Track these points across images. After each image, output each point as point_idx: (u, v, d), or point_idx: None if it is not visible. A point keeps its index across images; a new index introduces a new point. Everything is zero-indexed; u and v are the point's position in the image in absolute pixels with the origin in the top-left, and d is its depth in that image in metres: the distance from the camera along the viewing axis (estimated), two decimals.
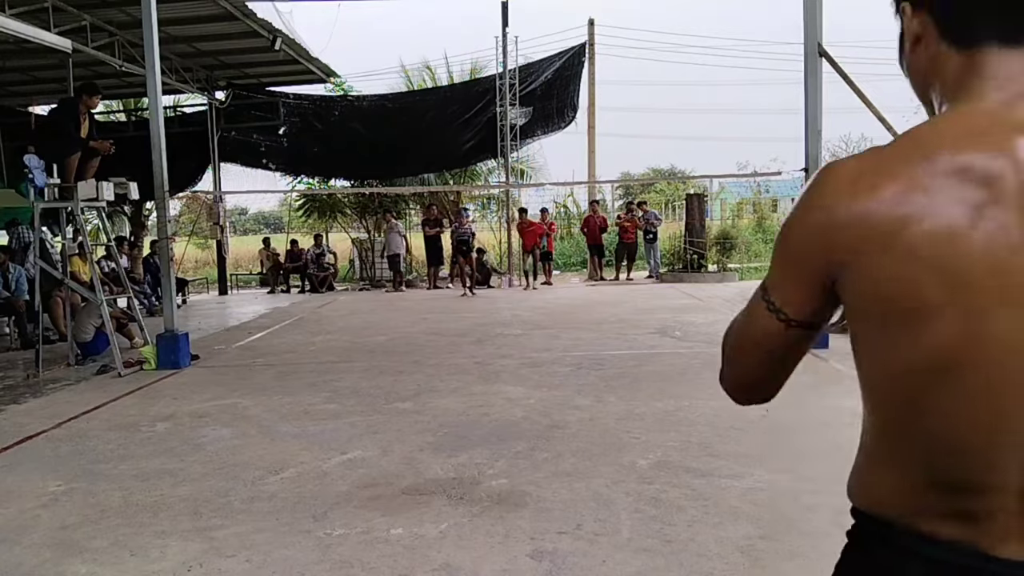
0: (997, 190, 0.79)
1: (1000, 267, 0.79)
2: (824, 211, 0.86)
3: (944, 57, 0.88)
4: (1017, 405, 0.81)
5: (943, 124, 0.87)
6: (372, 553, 3.14)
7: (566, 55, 16.76)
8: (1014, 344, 0.79)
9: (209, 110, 15.60)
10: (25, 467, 4.51)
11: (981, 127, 0.83)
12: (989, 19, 0.84)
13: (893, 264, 0.82)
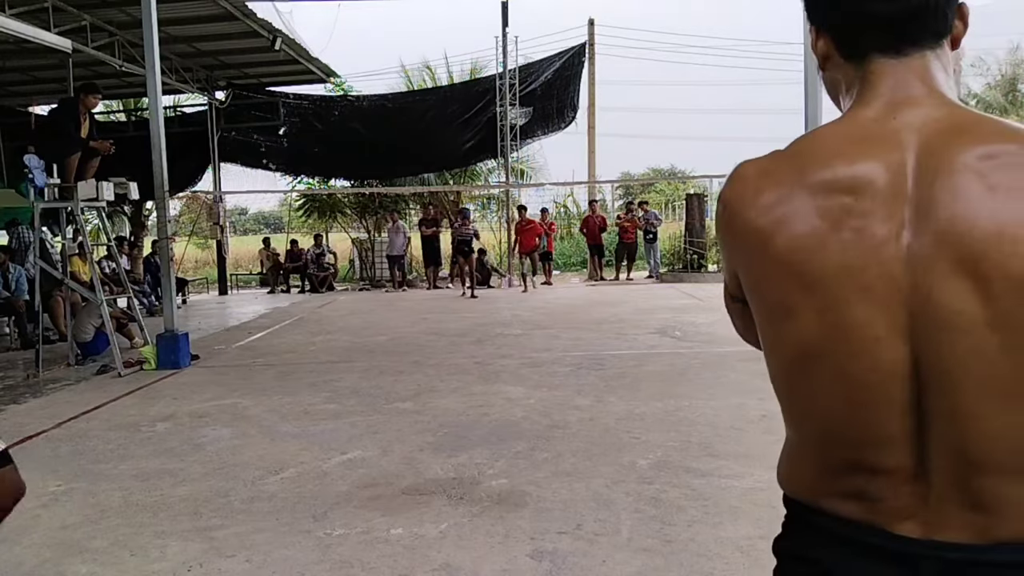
0: (862, 195, 0.86)
1: (856, 267, 0.85)
2: (727, 210, 0.96)
3: (844, 72, 0.97)
4: (881, 393, 0.87)
5: (827, 131, 0.94)
6: (372, 553, 3.14)
7: (566, 55, 16.76)
8: (871, 335, 0.85)
9: (209, 110, 15.60)
10: (25, 467, 4.48)
11: (858, 134, 0.90)
12: (862, 30, 0.92)
13: (765, 266, 0.91)
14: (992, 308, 0.82)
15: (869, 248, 0.85)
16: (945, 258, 0.83)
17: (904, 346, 0.85)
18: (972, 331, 0.83)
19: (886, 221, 0.85)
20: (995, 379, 0.83)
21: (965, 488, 0.86)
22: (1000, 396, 0.83)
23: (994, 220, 0.81)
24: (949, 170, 0.84)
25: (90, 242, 8.85)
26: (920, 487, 0.88)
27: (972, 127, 0.87)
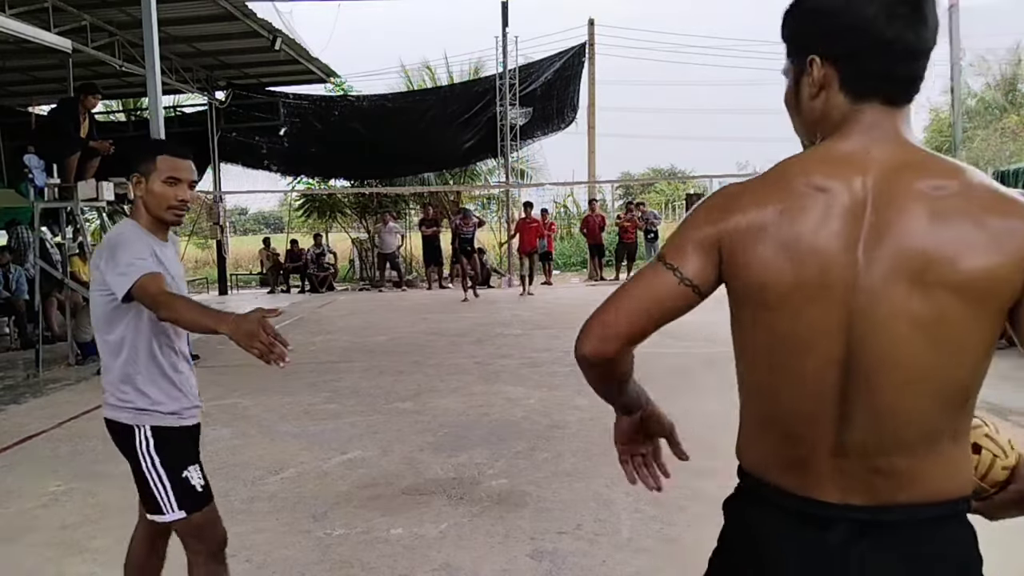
0: (832, 209, 1.02)
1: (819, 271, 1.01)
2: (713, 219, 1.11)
3: (837, 105, 1.09)
4: (818, 377, 1.03)
5: (808, 155, 1.10)
6: (372, 553, 3.15)
7: (566, 55, 16.76)
8: (821, 328, 1.02)
9: (209, 110, 15.60)
10: (25, 467, 4.51)
11: (835, 159, 1.06)
12: (879, 82, 1.06)
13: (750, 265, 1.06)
14: (924, 313, 0.98)
15: (831, 256, 1.01)
16: (891, 268, 0.99)
17: (843, 341, 1.01)
18: (904, 331, 0.99)
19: (845, 234, 1.01)
20: (913, 371, 1.00)
21: (873, 459, 1.03)
22: (914, 386, 1.00)
23: (935, 240, 0.98)
24: (903, 196, 1.01)
25: (91, 242, 8.84)
26: (840, 459, 1.04)
27: (925, 163, 1.04)
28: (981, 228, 0.97)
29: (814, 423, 1.05)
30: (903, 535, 1.03)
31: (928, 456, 1.03)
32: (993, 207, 0.99)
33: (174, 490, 2.24)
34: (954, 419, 1.03)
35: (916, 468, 1.03)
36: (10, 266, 9.77)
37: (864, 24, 1.04)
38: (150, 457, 2.26)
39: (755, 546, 1.16)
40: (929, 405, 1.01)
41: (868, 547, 1.04)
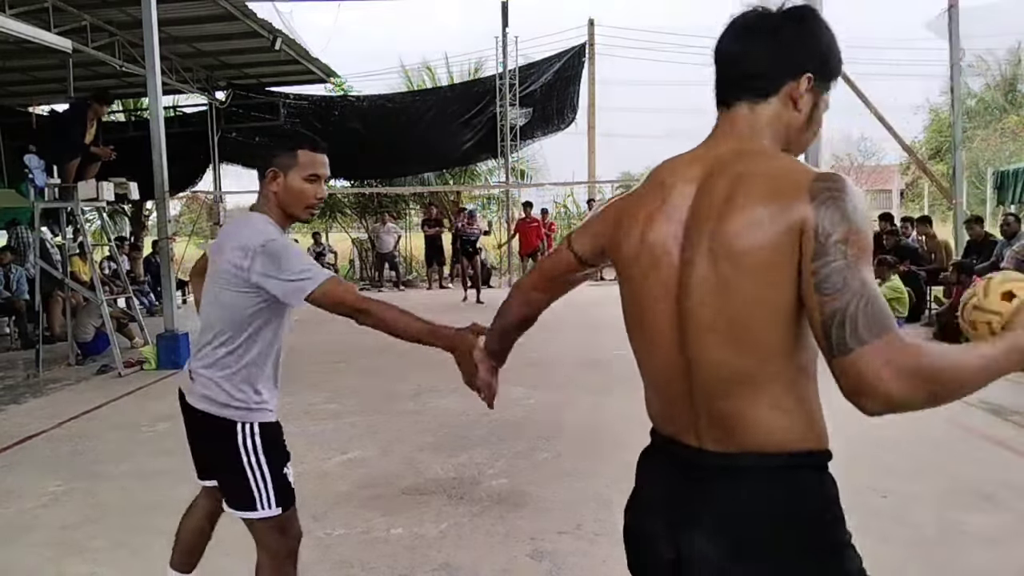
0: (669, 197, 1.26)
1: (656, 249, 1.25)
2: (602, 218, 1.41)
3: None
4: (664, 339, 1.24)
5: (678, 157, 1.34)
6: (372, 553, 3.15)
7: (566, 56, 16.75)
8: (656, 294, 1.25)
9: (209, 110, 15.60)
10: (25, 467, 4.51)
11: (688, 159, 1.30)
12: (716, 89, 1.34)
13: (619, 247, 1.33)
14: (718, 276, 1.17)
15: (663, 236, 1.25)
16: (702, 243, 1.19)
17: (675, 304, 1.22)
18: (707, 292, 1.18)
19: (675, 218, 1.25)
20: (714, 326, 1.18)
21: (709, 408, 1.21)
22: (716, 338, 1.18)
23: (724, 219, 1.17)
24: (716, 185, 1.21)
25: (91, 242, 8.84)
26: (692, 408, 1.23)
27: (741, 158, 1.23)
28: (758, 209, 1.15)
29: (669, 377, 1.26)
30: (741, 481, 1.19)
31: (751, 406, 1.17)
32: (771, 190, 1.16)
33: (275, 486, 2.17)
34: (763, 369, 1.16)
35: (742, 416, 1.18)
36: (11, 266, 9.77)
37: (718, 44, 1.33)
38: (255, 453, 2.17)
39: (642, 487, 1.36)
40: (729, 354, 1.17)
41: (715, 490, 1.21)
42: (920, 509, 3.44)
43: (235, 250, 2.09)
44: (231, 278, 2.10)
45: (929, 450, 4.28)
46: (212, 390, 2.16)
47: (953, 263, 8.70)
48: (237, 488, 2.18)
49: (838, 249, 1.08)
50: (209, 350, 2.17)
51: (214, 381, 2.16)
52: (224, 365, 2.16)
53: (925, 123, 26.60)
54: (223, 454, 2.18)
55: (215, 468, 2.26)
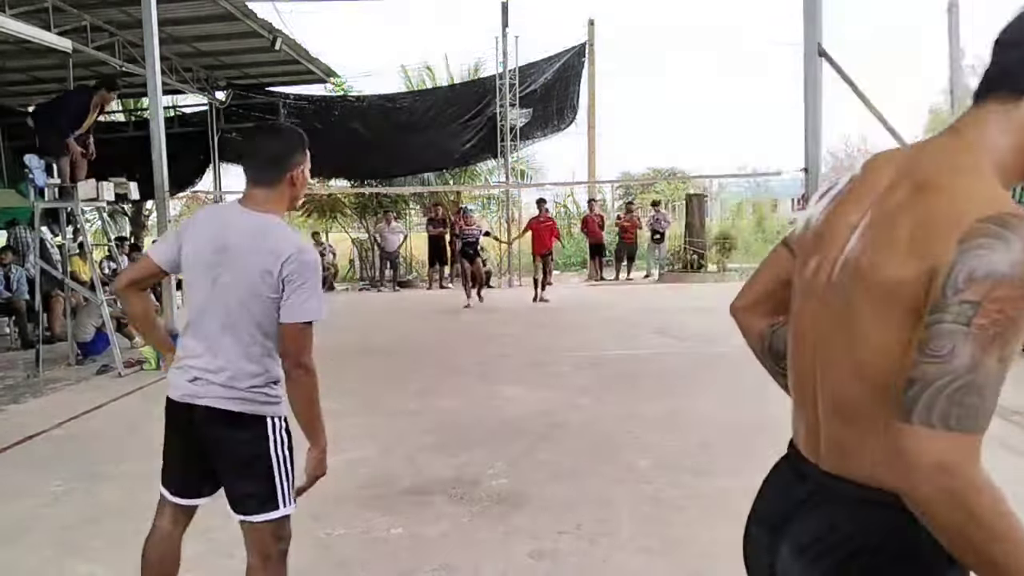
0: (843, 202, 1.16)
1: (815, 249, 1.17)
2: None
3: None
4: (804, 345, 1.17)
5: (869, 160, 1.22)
6: (372, 553, 3.15)
7: (566, 55, 16.75)
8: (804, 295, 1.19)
9: (209, 110, 15.60)
10: (25, 467, 4.51)
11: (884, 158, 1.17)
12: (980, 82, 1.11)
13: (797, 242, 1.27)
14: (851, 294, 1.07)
15: (828, 234, 1.15)
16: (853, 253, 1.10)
17: (818, 310, 1.12)
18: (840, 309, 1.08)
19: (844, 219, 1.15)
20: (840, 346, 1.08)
21: (828, 428, 1.13)
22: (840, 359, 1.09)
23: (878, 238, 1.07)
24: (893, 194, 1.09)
25: (91, 242, 8.84)
26: (816, 424, 1.15)
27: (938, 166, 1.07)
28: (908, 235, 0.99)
29: (803, 387, 1.18)
30: (836, 505, 1.12)
31: (863, 435, 1.07)
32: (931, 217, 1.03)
33: (291, 483, 2.19)
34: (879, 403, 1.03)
35: (852, 444, 1.10)
36: (11, 266, 9.76)
37: None
38: (284, 447, 2.18)
39: (762, 492, 1.31)
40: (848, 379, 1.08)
41: (811, 509, 1.16)
42: None
43: (267, 254, 2.07)
44: (260, 284, 2.09)
45: None
46: (246, 392, 2.14)
47: None
48: (262, 487, 2.15)
49: (962, 311, 0.90)
50: (241, 349, 2.14)
51: (247, 382, 2.15)
52: (260, 366, 2.17)
53: (925, 123, 26.62)
54: (254, 452, 2.15)
55: (240, 471, 2.19)
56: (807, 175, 7.99)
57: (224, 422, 2.14)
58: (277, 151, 2.20)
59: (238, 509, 2.21)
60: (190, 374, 2.16)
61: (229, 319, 2.13)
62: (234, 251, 2.10)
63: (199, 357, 2.16)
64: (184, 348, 2.20)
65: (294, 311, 2.11)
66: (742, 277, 16.08)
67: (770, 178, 21.48)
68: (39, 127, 7.67)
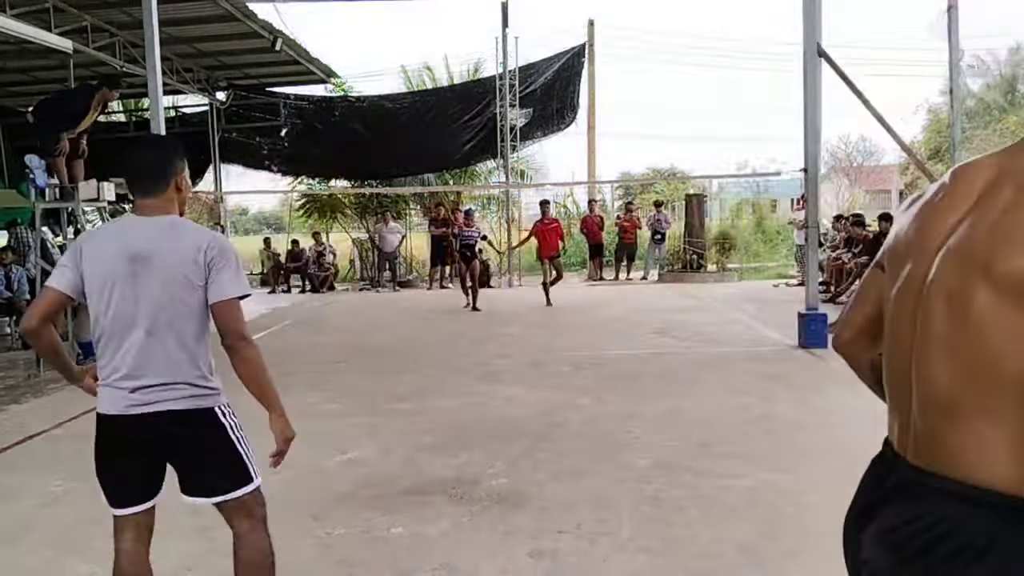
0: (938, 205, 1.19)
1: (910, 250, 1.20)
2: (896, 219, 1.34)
3: None
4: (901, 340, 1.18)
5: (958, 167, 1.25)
6: (372, 552, 3.15)
7: (566, 56, 16.76)
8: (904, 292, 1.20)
9: (210, 110, 15.61)
10: (25, 467, 4.51)
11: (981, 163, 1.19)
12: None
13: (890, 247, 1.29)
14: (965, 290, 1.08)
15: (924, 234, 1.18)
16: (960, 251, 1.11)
17: (916, 309, 1.14)
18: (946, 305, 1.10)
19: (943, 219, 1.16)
20: (943, 341, 1.10)
21: (922, 421, 1.14)
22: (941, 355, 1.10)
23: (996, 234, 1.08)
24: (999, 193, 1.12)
25: None
26: (910, 417, 1.17)
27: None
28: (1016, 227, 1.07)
29: (899, 380, 1.19)
30: (919, 501, 1.14)
31: (958, 430, 1.09)
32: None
33: (253, 455, 2.35)
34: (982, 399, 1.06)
35: (946, 439, 1.11)
36: (11, 266, 9.76)
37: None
38: (238, 429, 2.33)
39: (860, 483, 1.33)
40: (949, 375, 1.09)
41: (895, 500, 1.19)
42: None
43: (189, 246, 2.18)
44: (189, 274, 2.17)
45: None
46: (190, 388, 2.23)
47: None
48: (233, 469, 2.30)
49: None
50: (176, 349, 2.22)
51: (187, 379, 2.23)
52: (199, 360, 2.27)
53: (924, 123, 26.62)
54: (215, 441, 2.27)
55: (204, 462, 2.30)
56: (807, 175, 7.99)
57: (178, 422, 2.21)
58: (158, 163, 2.29)
59: (215, 494, 2.30)
60: (126, 386, 2.18)
61: (156, 323, 2.18)
62: (149, 254, 2.16)
63: (133, 369, 2.18)
64: (110, 365, 2.21)
65: (224, 288, 2.19)
66: (742, 277, 16.11)
67: (770, 178, 21.49)
68: (39, 122, 7.64)
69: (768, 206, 24.40)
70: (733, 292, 13.28)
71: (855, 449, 4.83)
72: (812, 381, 6.10)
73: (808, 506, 3.47)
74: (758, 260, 19.32)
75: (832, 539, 3.31)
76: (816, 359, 7.01)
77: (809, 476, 3.85)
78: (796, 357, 7.17)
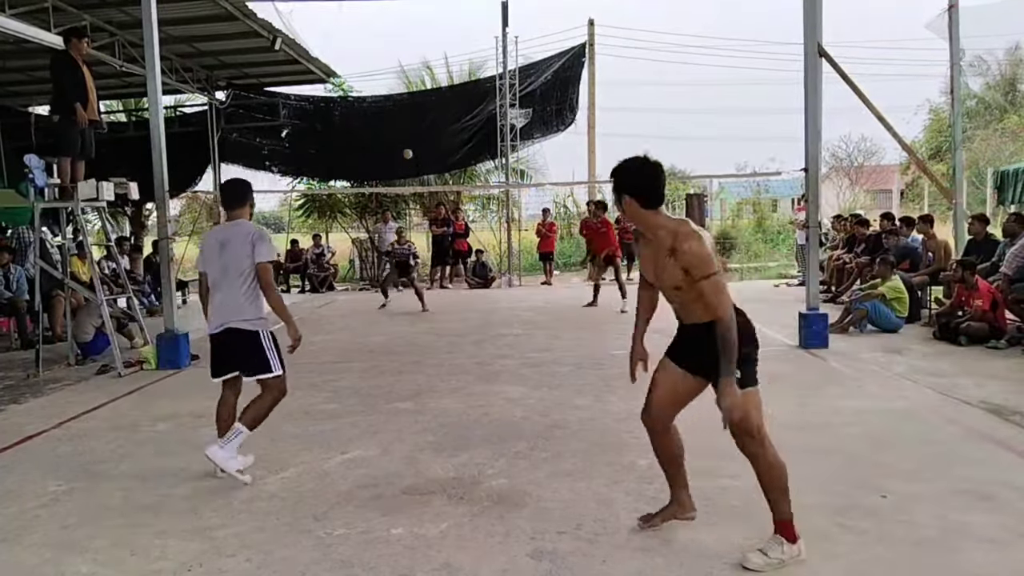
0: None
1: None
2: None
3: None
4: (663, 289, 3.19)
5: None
6: (372, 553, 3.15)
7: (566, 56, 16.76)
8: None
9: (209, 110, 15.60)
10: (25, 467, 4.51)
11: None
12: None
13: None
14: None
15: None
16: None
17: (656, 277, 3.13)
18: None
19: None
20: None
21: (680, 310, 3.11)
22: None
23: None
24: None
25: (91, 241, 8.83)
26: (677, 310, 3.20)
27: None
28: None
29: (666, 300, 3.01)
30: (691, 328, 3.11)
31: (689, 306, 3.04)
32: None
33: (279, 357, 4.17)
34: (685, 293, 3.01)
35: (687, 309, 3.06)
36: (10, 266, 9.76)
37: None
38: (270, 342, 4.15)
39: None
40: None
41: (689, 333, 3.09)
42: (920, 509, 3.43)
43: (253, 233, 4.13)
44: (246, 250, 4.09)
45: (929, 450, 4.28)
46: (242, 318, 4.11)
47: (956, 260, 8.69)
48: (260, 363, 4.10)
49: None
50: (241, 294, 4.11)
51: (245, 313, 4.11)
52: (252, 300, 4.14)
53: (925, 123, 26.62)
54: (253, 346, 4.10)
55: (247, 358, 4.11)
56: (807, 175, 7.99)
57: (236, 334, 4.10)
58: (241, 193, 4.31)
59: (255, 374, 4.12)
60: (217, 314, 4.14)
61: (229, 279, 4.10)
62: (228, 241, 4.14)
63: (221, 305, 4.13)
64: (213, 302, 4.18)
65: (262, 254, 4.11)
66: (742, 277, 16.11)
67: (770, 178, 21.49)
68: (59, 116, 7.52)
69: (768, 206, 24.41)
70: (733, 292, 13.26)
71: (855, 449, 4.84)
72: (812, 381, 6.09)
73: (808, 506, 3.47)
74: (758, 260, 19.33)
75: (832, 539, 3.30)
76: (816, 359, 7.00)
77: (809, 476, 3.85)
78: (796, 357, 7.17)
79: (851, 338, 8.22)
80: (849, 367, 6.60)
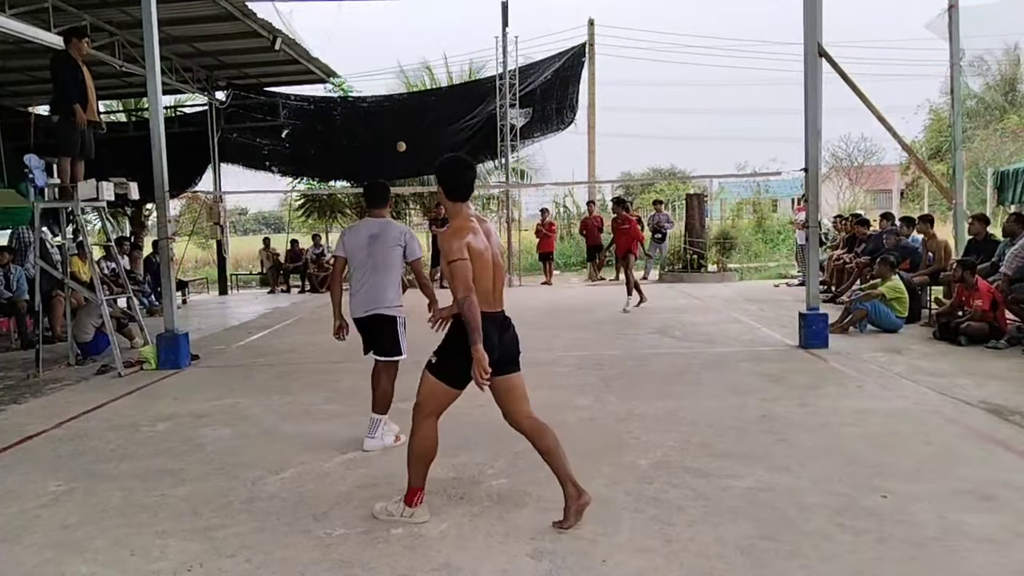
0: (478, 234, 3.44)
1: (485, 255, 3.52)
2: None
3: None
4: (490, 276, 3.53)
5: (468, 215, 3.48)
6: (372, 553, 3.15)
7: (566, 55, 16.76)
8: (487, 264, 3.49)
9: (209, 110, 15.60)
10: (25, 467, 4.51)
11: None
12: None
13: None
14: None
15: (485, 250, 3.39)
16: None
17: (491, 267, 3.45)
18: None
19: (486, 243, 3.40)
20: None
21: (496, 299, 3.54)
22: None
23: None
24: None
25: (91, 241, 8.82)
26: (494, 300, 3.53)
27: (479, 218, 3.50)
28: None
29: (491, 290, 3.47)
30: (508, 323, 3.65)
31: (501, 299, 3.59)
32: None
33: (405, 344, 4.78)
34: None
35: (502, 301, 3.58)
36: (10, 266, 9.76)
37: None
38: (404, 328, 4.77)
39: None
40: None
41: (506, 326, 3.60)
42: (920, 509, 3.43)
43: (396, 232, 4.77)
44: (396, 246, 4.71)
45: (929, 450, 4.28)
46: (385, 305, 4.70)
47: (956, 260, 8.69)
48: (391, 345, 4.73)
49: None
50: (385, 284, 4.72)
51: (388, 299, 4.70)
52: (394, 287, 4.72)
53: (925, 123, 26.62)
54: (391, 331, 4.70)
55: (384, 340, 4.73)
56: (807, 175, 7.99)
57: (381, 320, 4.67)
58: (384, 195, 5.00)
59: (386, 356, 4.76)
60: (363, 300, 4.69)
61: (378, 270, 4.65)
62: (378, 236, 4.73)
63: (367, 292, 4.68)
64: (355, 288, 4.72)
65: (415, 252, 4.78)
66: (742, 277, 16.11)
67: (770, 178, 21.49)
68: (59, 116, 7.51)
69: (768, 206, 24.40)
70: (733, 292, 13.28)
71: (855, 449, 4.84)
72: (812, 381, 6.09)
73: (808, 506, 3.47)
74: (758, 260, 19.33)
75: (832, 539, 3.31)
76: (816, 359, 7.00)
77: (809, 476, 3.85)
78: (796, 357, 7.17)
79: (851, 338, 8.22)
80: (849, 367, 6.60)
